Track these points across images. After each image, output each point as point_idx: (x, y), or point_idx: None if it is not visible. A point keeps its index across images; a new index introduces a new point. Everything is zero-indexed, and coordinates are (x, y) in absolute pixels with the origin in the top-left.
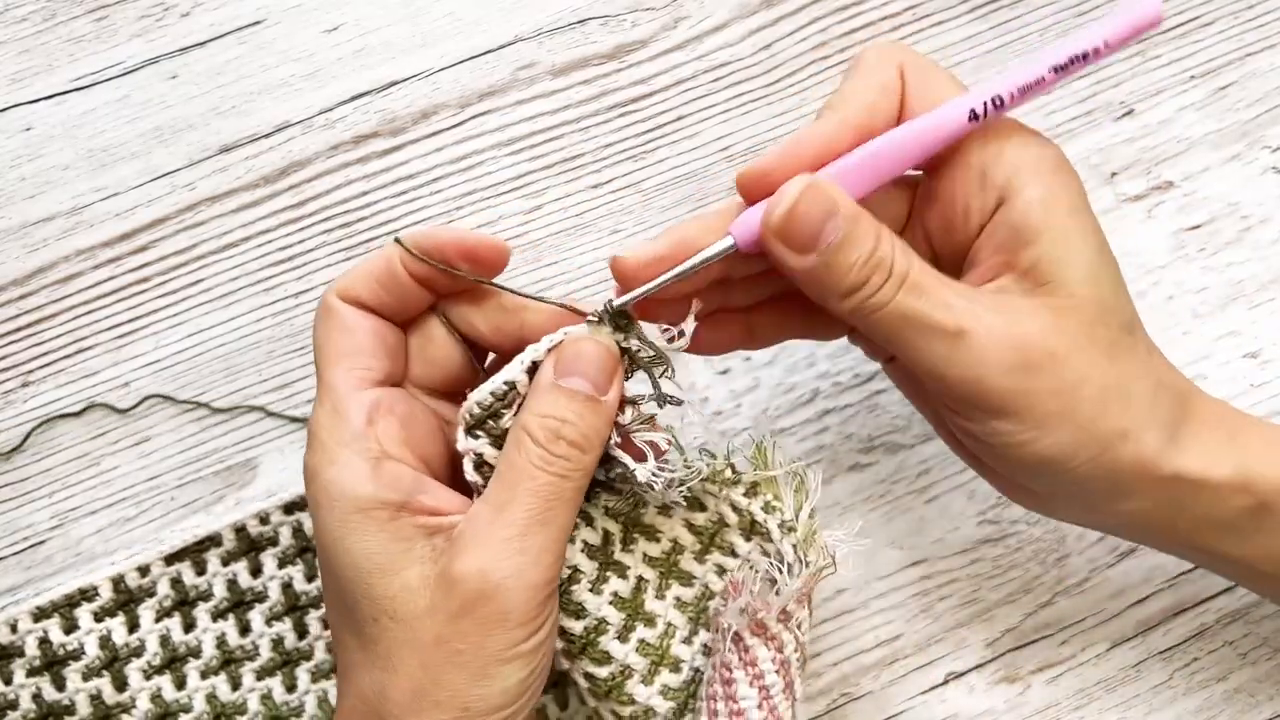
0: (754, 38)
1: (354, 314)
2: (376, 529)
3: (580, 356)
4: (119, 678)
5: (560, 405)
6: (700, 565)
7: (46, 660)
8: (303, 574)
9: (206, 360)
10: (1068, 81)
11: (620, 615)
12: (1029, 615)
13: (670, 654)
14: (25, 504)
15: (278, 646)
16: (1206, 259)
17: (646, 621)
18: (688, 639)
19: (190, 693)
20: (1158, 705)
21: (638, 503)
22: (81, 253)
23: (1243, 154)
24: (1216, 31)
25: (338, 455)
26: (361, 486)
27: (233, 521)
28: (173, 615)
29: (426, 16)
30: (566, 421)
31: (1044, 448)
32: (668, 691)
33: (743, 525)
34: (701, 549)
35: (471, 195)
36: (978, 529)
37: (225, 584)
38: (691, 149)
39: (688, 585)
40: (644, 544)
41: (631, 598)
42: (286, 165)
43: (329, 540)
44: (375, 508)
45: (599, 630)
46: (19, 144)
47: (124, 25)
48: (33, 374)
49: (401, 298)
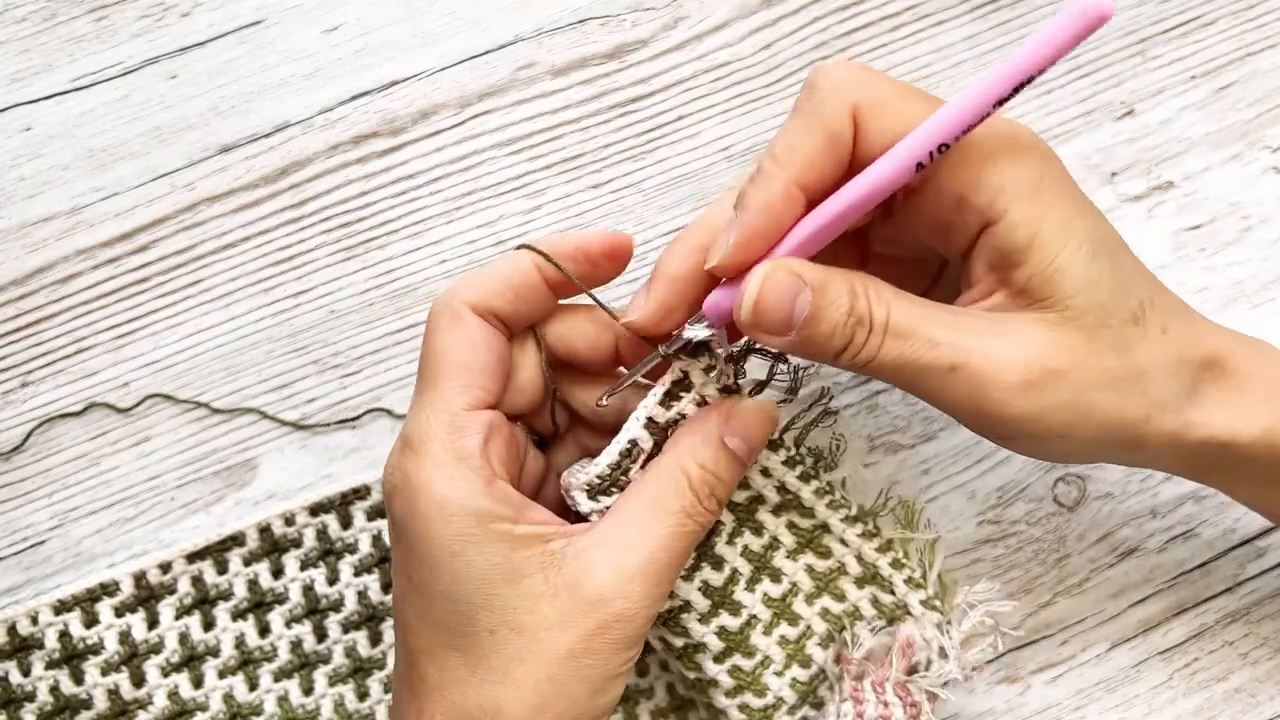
0: (754, 38)
1: (482, 330)
2: (497, 540)
3: (748, 421)
4: (137, 674)
5: (722, 464)
6: (809, 608)
7: (66, 653)
8: (324, 577)
9: (206, 360)
10: (1068, 82)
11: (721, 644)
12: (1029, 615)
13: (760, 683)
14: (25, 504)
15: (296, 649)
16: (1207, 259)
17: (746, 653)
18: (780, 672)
19: (207, 691)
20: (1158, 705)
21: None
22: (81, 253)
23: (1243, 154)
24: (1217, 31)
25: (454, 471)
26: (480, 501)
27: (257, 521)
28: (193, 613)
29: (426, 16)
30: (721, 481)
31: (1066, 449)
32: (747, 709)
33: (860, 575)
34: (814, 593)
35: (471, 195)
36: (978, 529)
37: (246, 584)
38: (692, 149)
39: (794, 625)
40: (767, 585)
41: (739, 632)
42: (286, 165)
43: (442, 552)
44: (495, 521)
45: (699, 650)
46: (19, 144)
47: (124, 25)
48: (32, 374)
49: (534, 307)
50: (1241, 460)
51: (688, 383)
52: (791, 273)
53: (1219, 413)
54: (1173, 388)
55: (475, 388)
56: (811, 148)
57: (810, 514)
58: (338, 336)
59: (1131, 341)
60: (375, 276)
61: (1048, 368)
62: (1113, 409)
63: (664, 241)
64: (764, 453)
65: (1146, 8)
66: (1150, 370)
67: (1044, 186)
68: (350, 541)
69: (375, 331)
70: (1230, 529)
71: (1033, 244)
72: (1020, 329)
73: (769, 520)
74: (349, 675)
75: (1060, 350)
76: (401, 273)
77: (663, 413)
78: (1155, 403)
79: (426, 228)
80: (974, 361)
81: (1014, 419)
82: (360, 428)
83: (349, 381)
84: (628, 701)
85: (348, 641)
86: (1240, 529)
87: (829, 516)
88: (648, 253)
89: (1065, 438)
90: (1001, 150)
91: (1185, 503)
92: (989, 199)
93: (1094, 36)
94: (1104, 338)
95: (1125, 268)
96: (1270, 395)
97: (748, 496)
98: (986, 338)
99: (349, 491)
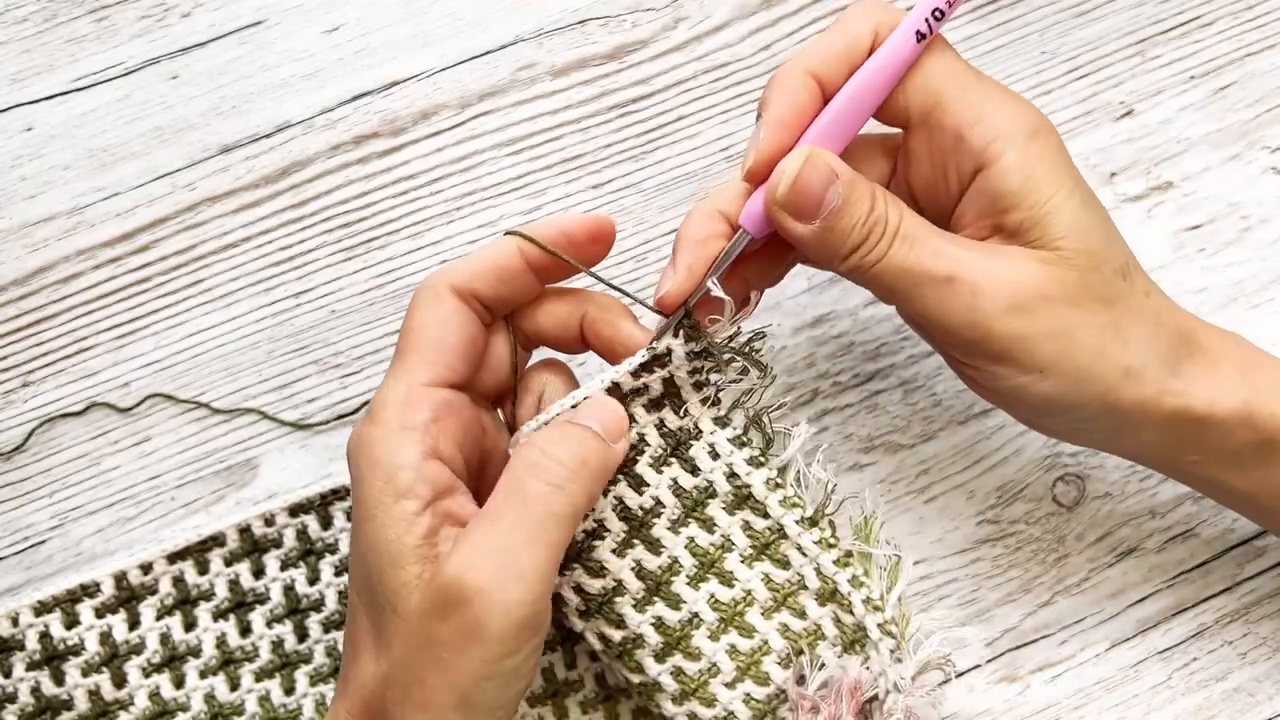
0: (754, 38)
1: (459, 312)
2: (402, 515)
3: (594, 405)
4: (118, 674)
5: (567, 430)
6: (766, 621)
7: (46, 655)
8: (305, 577)
9: (207, 360)
10: (1067, 82)
11: (659, 639)
12: (1028, 615)
13: (706, 691)
14: (26, 504)
15: (277, 649)
16: (1206, 259)
17: (688, 655)
18: (730, 684)
19: (188, 692)
20: (1157, 705)
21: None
22: (82, 253)
23: (1242, 154)
24: (1216, 32)
25: (394, 437)
26: (404, 471)
27: (237, 522)
28: (174, 614)
29: (427, 17)
30: (553, 441)
31: (1047, 389)
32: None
33: (820, 592)
34: (772, 607)
35: (472, 195)
36: (977, 529)
37: (227, 584)
38: (692, 149)
39: (747, 636)
40: (715, 585)
41: (679, 629)
42: (287, 165)
43: (364, 513)
44: (408, 496)
45: (637, 644)
46: (20, 144)
47: (124, 25)
48: (33, 374)
49: (517, 291)
50: (1218, 437)
51: (665, 360)
52: (827, 163)
53: (1196, 384)
54: (1153, 350)
55: (440, 365)
56: (828, 47)
57: (764, 512)
58: (338, 336)
59: (1119, 293)
60: (376, 276)
61: (1039, 293)
62: (1095, 350)
63: (665, 241)
64: (712, 429)
65: (1146, 8)
66: (1132, 327)
67: (1038, 139)
68: (330, 541)
69: (376, 331)
70: (1229, 529)
71: (1025, 188)
72: (1015, 257)
73: (721, 517)
74: (330, 675)
75: (1051, 282)
76: (402, 273)
77: (629, 380)
78: (1136, 358)
79: (427, 228)
80: (970, 275)
81: (1002, 337)
82: None
83: (349, 381)
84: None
85: (329, 641)
86: (1239, 529)
87: (783, 515)
88: (648, 253)
89: (1045, 374)
90: (1005, 102)
91: (1184, 503)
92: (985, 142)
93: (1093, 37)
94: (1093, 282)
95: (1112, 228)
96: (1245, 374)
97: (696, 485)
98: (984, 257)
99: (329, 492)
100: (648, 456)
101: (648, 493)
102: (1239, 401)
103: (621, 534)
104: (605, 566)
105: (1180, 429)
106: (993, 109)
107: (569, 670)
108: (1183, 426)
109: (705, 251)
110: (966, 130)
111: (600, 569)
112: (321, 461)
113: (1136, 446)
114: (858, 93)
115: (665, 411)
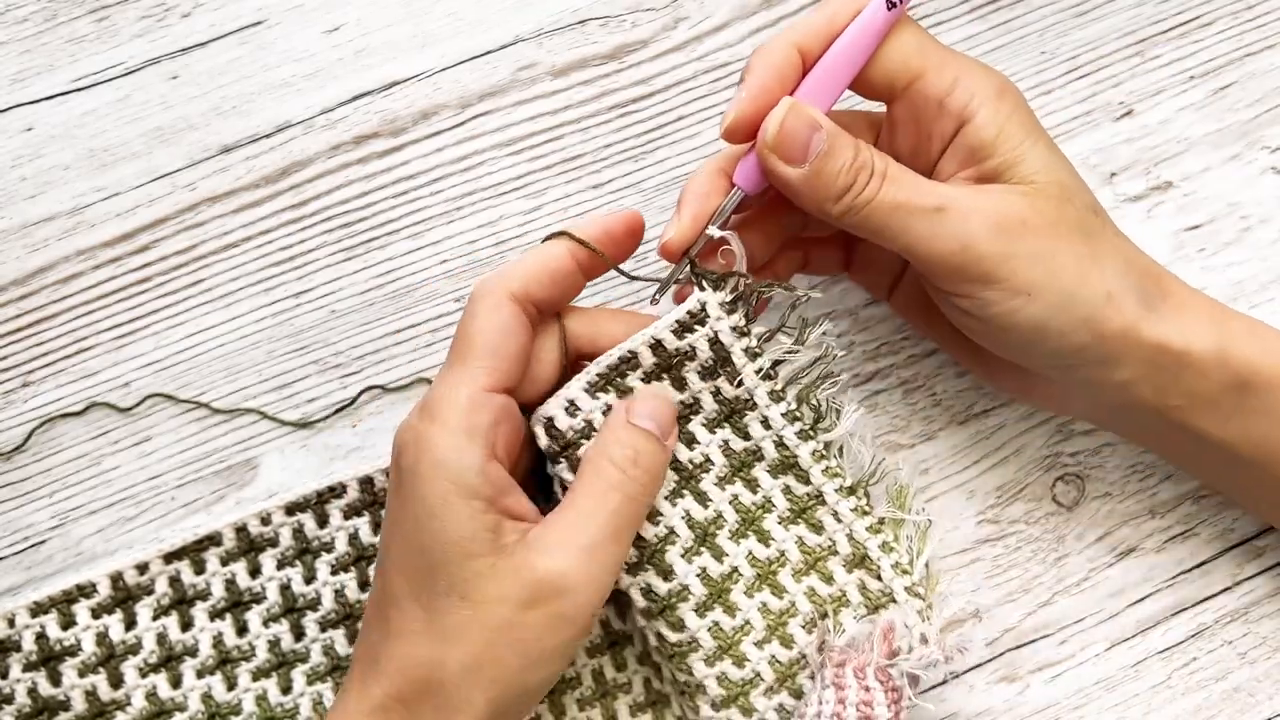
0: (754, 38)
1: (517, 320)
2: (471, 514)
3: (647, 401)
4: (115, 675)
5: (637, 439)
6: (796, 584)
7: (43, 655)
8: (301, 576)
9: (207, 360)
10: (1066, 83)
11: (704, 590)
12: (1028, 615)
13: (738, 649)
14: (26, 503)
15: (274, 648)
16: (1206, 259)
17: (727, 609)
18: (759, 644)
19: (185, 692)
20: (1156, 705)
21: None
22: (82, 253)
23: (1242, 154)
24: (1216, 32)
25: (459, 441)
26: (471, 474)
27: (233, 521)
28: (170, 614)
29: (427, 17)
30: (641, 452)
31: (1033, 313)
32: (724, 681)
33: (849, 558)
34: (802, 569)
35: (472, 195)
36: (977, 528)
37: (223, 584)
38: (692, 149)
39: (778, 596)
40: (753, 543)
41: (720, 582)
42: (287, 165)
43: (425, 510)
44: (475, 496)
45: (680, 596)
46: (20, 144)
47: (125, 26)
48: (33, 374)
49: (568, 292)
50: (1196, 377)
51: (703, 315)
52: (809, 112)
53: (1170, 320)
54: (1127, 284)
55: (499, 372)
56: (811, 23)
57: (806, 479)
58: (338, 336)
59: (1092, 227)
60: (376, 277)
61: (1020, 219)
62: (1077, 274)
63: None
64: (767, 404)
65: (1145, 8)
66: (1107, 260)
67: (1005, 97)
68: (327, 540)
69: (376, 331)
70: (1229, 529)
71: (999, 137)
72: (996, 191)
73: (765, 479)
74: (327, 673)
75: (1031, 210)
76: (402, 273)
77: (673, 340)
78: (1113, 285)
79: (427, 228)
80: (958, 205)
81: (991, 256)
82: (360, 423)
83: (349, 381)
84: (606, 697)
85: (325, 640)
86: (1239, 528)
87: (824, 484)
88: (648, 254)
89: (1033, 297)
90: (973, 68)
91: (1184, 502)
92: (963, 103)
93: (1093, 37)
94: (1069, 212)
95: (1079, 176)
96: (1215, 320)
97: (745, 448)
98: (969, 192)
99: (324, 490)
100: (701, 417)
101: (699, 449)
102: (1213, 343)
103: (672, 483)
104: (659, 512)
105: (1160, 364)
106: (965, 76)
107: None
108: (1162, 361)
109: (707, 205)
110: (945, 97)
111: (654, 515)
112: (322, 461)
113: (1117, 391)
114: (835, 59)
115: (720, 380)
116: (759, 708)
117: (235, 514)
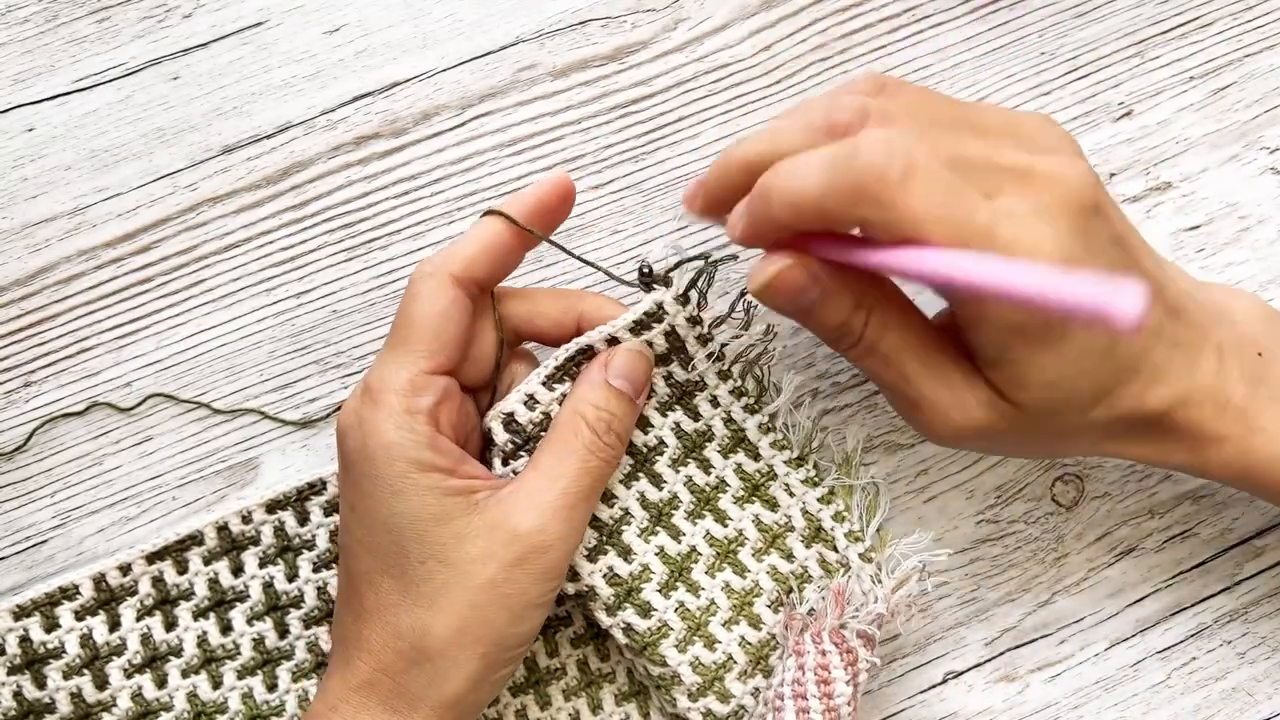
0: (754, 39)
1: (459, 303)
2: (433, 484)
3: (626, 360)
4: (100, 676)
5: (612, 401)
6: (757, 563)
7: (27, 659)
8: (283, 574)
9: (208, 360)
10: (1066, 83)
11: (664, 569)
12: (1028, 614)
13: (707, 629)
14: (27, 503)
15: (259, 646)
16: (1205, 260)
17: (690, 588)
18: (727, 624)
19: (171, 691)
20: (1156, 704)
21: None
22: (83, 253)
23: (1241, 155)
24: (1215, 32)
25: (403, 421)
26: (422, 451)
27: (214, 520)
28: (154, 614)
29: (428, 18)
30: (616, 416)
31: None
32: (698, 667)
33: (805, 532)
34: (762, 548)
35: (473, 196)
36: (976, 528)
37: (207, 583)
38: (692, 150)
39: (741, 576)
40: (710, 523)
41: (680, 560)
42: (288, 166)
43: (386, 489)
44: (434, 469)
45: (642, 577)
46: (21, 144)
47: (126, 26)
48: (35, 374)
49: (506, 269)
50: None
51: (660, 314)
52: (808, 270)
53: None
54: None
55: (439, 355)
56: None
57: (756, 454)
58: (339, 337)
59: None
60: (377, 277)
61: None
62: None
63: (665, 242)
64: (716, 383)
65: (1145, 9)
66: (1074, 447)
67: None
68: (308, 537)
69: (377, 332)
70: (1228, 528)
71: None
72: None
73: (716, 459)
74: (312, 670)
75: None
76: (403, 273)
77: (629, 336)
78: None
79: (428, 228)
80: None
81: (965, 445)
82: None
83: (350, 381)
84: (591, 686)
85: (309, 637)
86: (1238, 528)
87: (773, 457)
88: (649, 253)
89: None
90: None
91: (1183, 502)
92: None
93: (1093, 37)
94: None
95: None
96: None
97: (696, 429)
98: (948, 390)
99: (305, 487)
100: (654, 402)
101: (652, 433)
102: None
103: (628, 467)
104: (614, 495)
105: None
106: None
107: (550, 659)
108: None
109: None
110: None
111: (609, 498)
112: (323, 461)
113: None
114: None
115: (673, 365)
116: (735, 692)
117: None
